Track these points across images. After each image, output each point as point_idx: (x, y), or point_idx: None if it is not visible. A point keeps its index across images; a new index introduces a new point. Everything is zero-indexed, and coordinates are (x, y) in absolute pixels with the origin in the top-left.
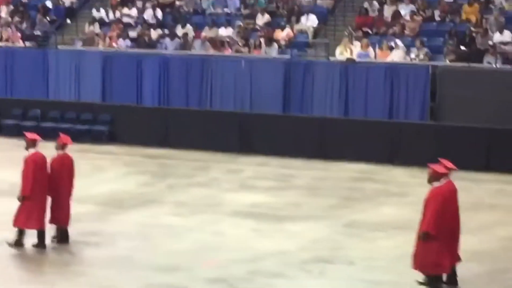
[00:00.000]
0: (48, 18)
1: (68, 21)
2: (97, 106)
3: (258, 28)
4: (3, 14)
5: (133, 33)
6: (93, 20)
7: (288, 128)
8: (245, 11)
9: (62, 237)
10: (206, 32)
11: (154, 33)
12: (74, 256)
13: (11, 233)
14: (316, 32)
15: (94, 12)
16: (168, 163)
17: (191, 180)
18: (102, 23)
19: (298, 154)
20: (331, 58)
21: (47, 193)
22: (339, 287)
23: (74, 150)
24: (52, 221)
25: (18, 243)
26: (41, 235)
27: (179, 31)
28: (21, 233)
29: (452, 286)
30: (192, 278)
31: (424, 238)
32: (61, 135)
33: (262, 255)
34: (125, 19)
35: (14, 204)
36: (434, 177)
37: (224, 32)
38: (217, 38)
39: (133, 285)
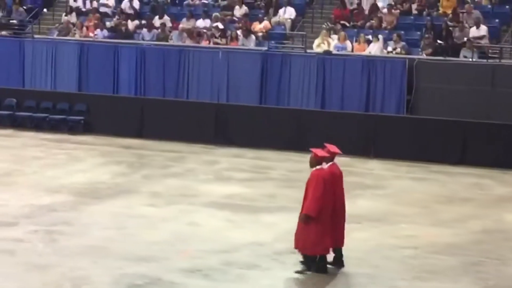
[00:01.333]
0: (24, 7)
1: (45, 10)
2: (73, 96)
3: (236, 19)
4: None
5: (110, 23)
6: (70, 10)
7: (265, 120)
8: (222, 2)
9: None
10: (184, 23)
11: (131, 24)
12: (47, 245)
13: None
14: (294, 24)
15: (71, 2)
16: (144, 154)
17: (167, 171)
18: (79, 12)
19: (274, 146)
20: (308, 51)
21: None
22: (312, 279)
23: (50, 140)
24: None
25: None
26: None
27: (157, 22)
28: None
29: (337, 267)
30: (166, 268)
31: (304, 220)
32: None
33: (237, 246)
34: (102, 9)
35: None
36: (315, 161)
37: (202, 23)
38: (194, 29)
39: (106, 275)
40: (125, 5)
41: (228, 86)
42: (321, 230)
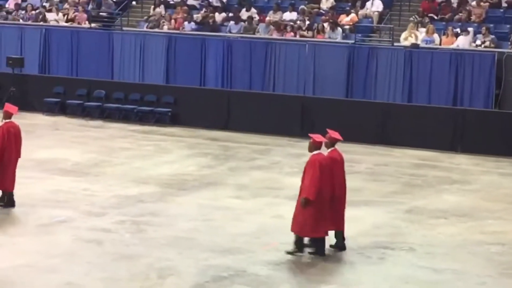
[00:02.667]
0: None
1: (134, 2)
2: (161, 88)
3: (323, 12)
4: None
5: (197, 16)
6: (158, 2)
7: (351, 113)
8: None
9: (9, 201)
10: (271, 16)
11: (219, 16)
12: (134, 236)
13: (75, 212)
14: (381, 17)
15: None
16: (229, 146)
17: (252, 163)
18: (167, 5)
19: (360, 139)
20: (396, 44)
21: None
22: (398, 274)
23: (138, 131)
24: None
25: None
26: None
27: (244, 14)
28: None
29: (338, 249)
30: (251, 261)
31: (304, 204)
32: (7, 104)
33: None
34: (190, 2)
35: (79, 184)
36: (313, 146)
37: (289, 16)
38: (281, 22)
39: (192, 267)
40: None
41: (314, 79)
42: (319, 214)
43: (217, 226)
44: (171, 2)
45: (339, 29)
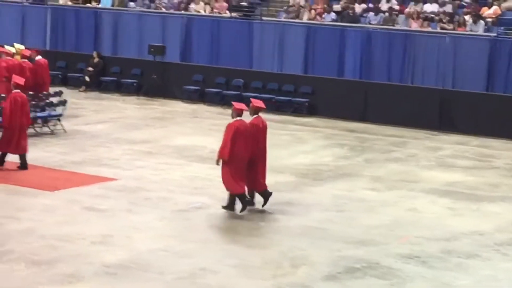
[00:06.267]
0: None
1: None
2: (299, 78)
3: (465, 4)
4: None
5: (337, 7)
6: None
7: (491, 108)
8: None
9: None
10: (411, 7)
11: (359, 7)
12: (268, 224)
13: (211, 199)
14: None
15: None
16: (366, 137)
17: (389, 156)
18: None
19: (500, 134)
20: None
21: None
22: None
23: (275, 120)
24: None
25: None
26: None
27: (384, 5)
28: None
29: (250, 206)
30: (384, 253)
31: (217, 163)
32: (14, 76)
33: (457, 234)
34: None
35: (216, 171)
36: (234, 113)
37: (430, 7)
38: (421, 13)
39: (325, 257)
40: None
41: (454, 72)
42: (236, 173)
43: (351, 217)
44: None
45: (482, 21)
